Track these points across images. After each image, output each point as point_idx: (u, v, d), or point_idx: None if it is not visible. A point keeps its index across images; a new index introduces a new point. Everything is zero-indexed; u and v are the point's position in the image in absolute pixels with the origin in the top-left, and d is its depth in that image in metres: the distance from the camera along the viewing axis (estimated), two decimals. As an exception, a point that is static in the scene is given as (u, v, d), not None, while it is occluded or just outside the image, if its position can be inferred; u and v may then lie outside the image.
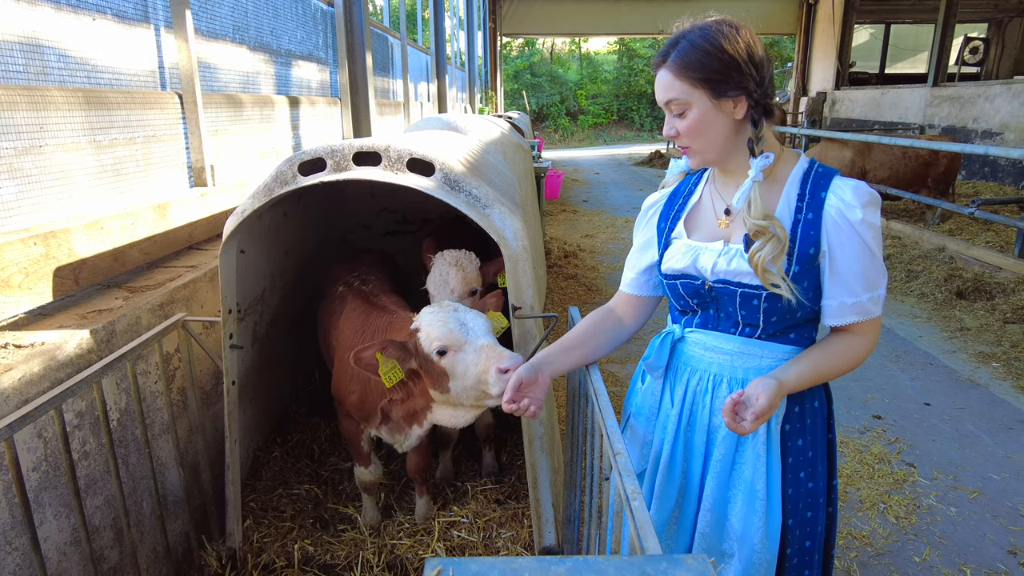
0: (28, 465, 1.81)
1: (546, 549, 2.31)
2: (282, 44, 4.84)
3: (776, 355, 1.48)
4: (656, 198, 1.69)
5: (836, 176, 1.41)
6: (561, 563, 0.82)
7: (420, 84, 10.52)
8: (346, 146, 2.12)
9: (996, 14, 18.36)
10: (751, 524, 1.50)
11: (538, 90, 30.12)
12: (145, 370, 2.34)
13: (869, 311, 1.40)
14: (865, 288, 1.38)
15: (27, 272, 2.14)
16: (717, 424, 1.53)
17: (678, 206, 1.60)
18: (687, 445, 1.58)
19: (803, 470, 1.52)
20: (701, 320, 1.56)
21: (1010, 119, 10.70)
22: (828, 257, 1.38)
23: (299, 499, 2.80)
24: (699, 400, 1.55)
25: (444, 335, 1.97)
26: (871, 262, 1.37)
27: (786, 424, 1.50)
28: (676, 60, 1.38)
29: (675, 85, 1.39)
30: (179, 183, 3.34)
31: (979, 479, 3.26)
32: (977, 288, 5.77)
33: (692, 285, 1.51)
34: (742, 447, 1.51)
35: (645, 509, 1.11)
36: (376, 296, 2.64)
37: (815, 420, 1.53)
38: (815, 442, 1.53)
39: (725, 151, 1.44)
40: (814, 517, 1.54)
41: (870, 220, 1.35)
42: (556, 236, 8.69)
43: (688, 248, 1.51)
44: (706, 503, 1.55)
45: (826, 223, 1.37)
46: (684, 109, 1.40)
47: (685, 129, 1.41)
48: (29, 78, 2.37)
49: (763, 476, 1.48)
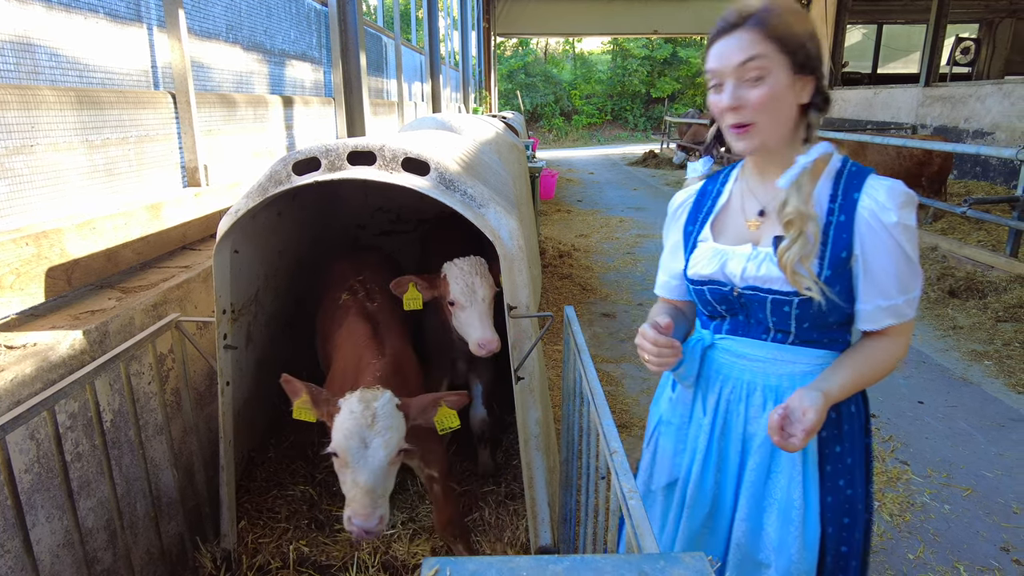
0: (20, 467, 1.79)
1: (542, 548, 2.31)
2: (276, 44, 4.82)
3: (810, 360, 1.44)
4: (683, 197, 1.63)
5: (870, 175, 1.35)
6: (559, 562, 0.82)
7: (414, 84, 10.50)
8: (341, 145, 2.12)
9: (987, 15, 18.48)
10: (787, 534, 1.45)
11: (532, 90, 30.13)
12: (139, 371, 2.32)
13: (904, 314, 1.35)
14: (900, 291, 1.33)
15: (19, 273, 2.13)
16: (752, 432, 1.48)
17: (707, 207, 1.54)
18: (720, 454, 1.54)
19: (842, 477, 1.47)
20: (731, 326, 1.50)
21: (1001, 119, 10.77)
22: (861, 260, 1.33)
23: (294, 500, 2.79)
24: (733, 408, 1.51)
25: (338, 445, 1.90)
26: (906, 265, 1.32)
27: (823, 431, 1.43)
28: (762, 20, 1.27)
29: (759, 44, 1.26)
30: (172, 183, 3.32)
31: (972, 477, 3.28)
32: (969, 287, 5.81)
33: (720, 291, 1.45)
34: (777, 456, 1.47)
35: (642, 508, 1.11)
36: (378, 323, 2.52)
37: (853, 426, 1.48)
38: (853, 448, 1.48)
39: (783, 137, 1.35)
40: (852, 523, 1.50)
41: (905, 222, 1.29)
42: (551, 236, 8.69)
43: (715, 252, 1.45)
44: (741, 512, 1.51)
45: (859, 225, 1.31)
46: (763, 74, 1.27)
47: (759, 98, 1.27)
48: (20, 77, 2.35)
49: (799, 485, 1.44)
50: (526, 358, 2.22)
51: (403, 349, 2.50)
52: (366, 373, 2.20)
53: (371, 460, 1.88)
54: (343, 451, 1.89)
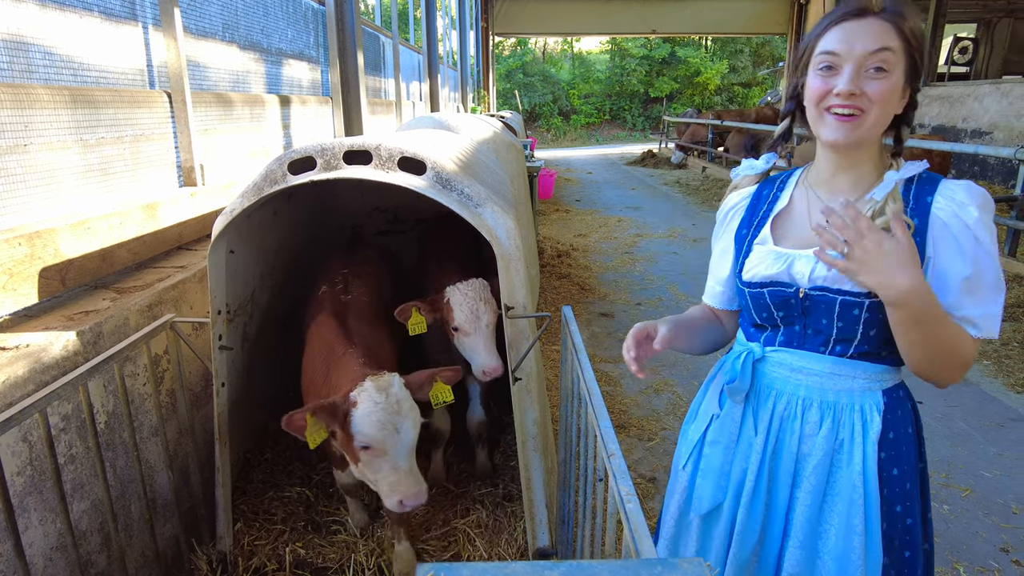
0: (12, 469, 1.78)
1: (540, 550, 2.30)
2: (273, 43, 4.80)
3: (870, 375, 1.35)
4: (735, 200, 1.54)
5: (944, 180, 1.28)
6: (555, 568, 0.80)
7: (412, 83, 10.48)
8: (336, 145, 2.10)
9: (985, 14, 18.50)
10: (848, 564, 1.33)
11: (530, 90, 30.12)
12: (133, 372, 2.31)
13: (989, 329, 1.23)
14: (981, 300, 1.22)
15: (11, 273, 2.11)
16: (806, 452, 1.38)
17: (763, 211, 1.45)
18: (772, 475, 1.43)
19: (899, 503, 1.35)
20: (785, 337, 1.40)
21: (999, 118, 10.78)
22: (933, 265, 1.24)
23: (290, 502, 2.77)
24: (786, 426, 1.40)
25: (374, 438, 1.91)
26: (987, 270, 1.21)
27: (881, 452, 1.33)
28: (899, 15, 1.22)
29: (894, 38, 1.22)
30: (168, 183, 3.30)
31: (971, 477, 3.27)
32: (968, 286, 5.80)
33: (783, 294, 1.36)
34: (835, 476, 1.36)
35: (640, 511, 1.09)
36: (350, 317, 2.50)
37: (910, 448, 1.37)
38: (911, 472, 1.37)
39: (876, 139, 1.29)
40: (913, 558, 1.36)
41: (987, 222, 1.20)
42: (549, 235, 8.68)
43: (779, 255, 1.37)
44: (795, 540, 1.39)
45: (933, 228, 1.24)
46: (888, 68, 1.21)
47: (880, 90, 1.22)
48: (14, 76, 2.34)
49: (860, 508, 1.32)
50: (524, 358, 2.20)
51: (374, 337, 2.48)
52: (342, 364, 2.18)
53: (405, 442, 1.95)
54: (379, 442, 1.91)
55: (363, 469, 2.00)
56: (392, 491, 1.94)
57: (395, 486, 1.93)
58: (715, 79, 30.56)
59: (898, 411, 1.36)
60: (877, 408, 1.34)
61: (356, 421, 1.92)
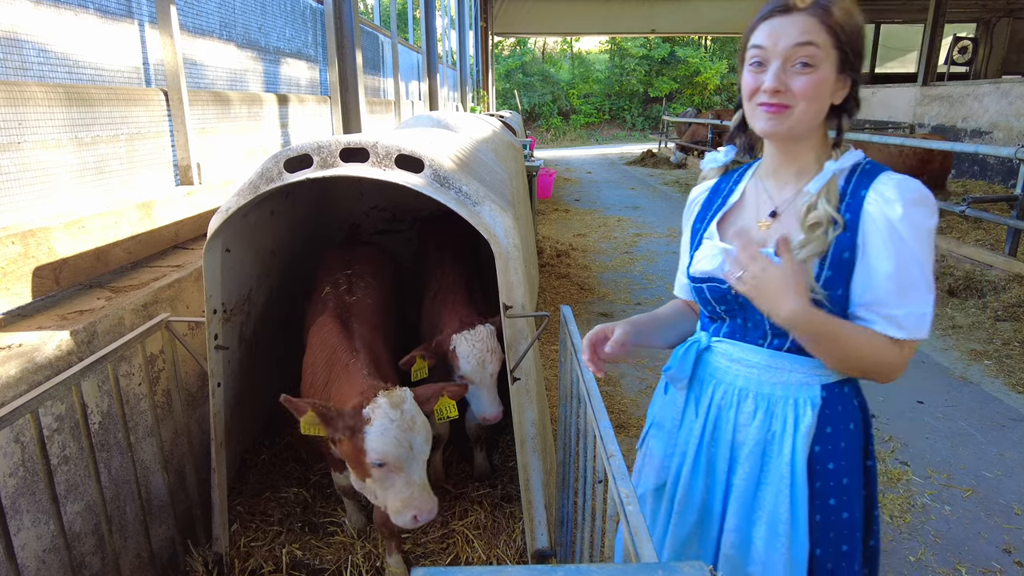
0: (4, 471, 1.75)
1: (539, 552, 2.28)
2: (270, 41, 4.78)
3: (807, 369, 1.37)
4: (696, 193, 1.58)
5: (883, 172, 1.27)
6: (553, 572, 0.78)
7: (411, 83, 10.46)
8: (333, 142, 2.08)
9: (984, 14, 18.49)
10: (774, 551, 1.38)
11: (530, 89, 30.10)
12: (128, 372, 2.28)
13: (913, 330, 1.24)
14: (906, 300, 1.22)
15: (4, 272, 2.09)
16: (741, 441, 1.42)
17: (717, 205, 1.49)
18: (709, 461, 1.48)
19: (834, 497, 1.37)
20: (729, 329, 1.45)
21: (999, 118, 10.77)
22: (860, 260, 1.26)
23: (287, 503, 2.75)
24: (724, 415, 1.45)
25: (390, 455, 1.90)
26: (911, 270, 1.21)
27: (816, 445, 1.36)
28: (825, 8, 1.23)
29: (817, 32, 1.22)
30: (164, 181, 3.28)
31: (972, 477, 3.25)
32: (968, 286, 5.78)
33: (719, 289, 1.40)
34: (767, 467, 1.40)
35: (640, 514, 1.07)
36: (354, 321, 2.48)
37: (850, 444, 1.38)
38: (850, 468, 1.38)
39: (809, 131, 1.31)
40: (850, 552, 1.39)
41: (914, 219, 1.20)
42: (548, 235, 8.66)
43: (719, 250, 1.40)
44: (729, 523, 1.44)
45: (864, 223, 1.25)
46: (813, 62, 1.23)
47: (805, 86, 1.24)
48: (7, 73, 2.31)
49: (786, 499, 1.36)
50: (522, 358, 2.18)
51: (376, 341, 2.47)
52: (347, 374, 2.17)
53: (420, 458, 1.96)
54: (395, 459, 1.91)
55: (372, 485, 1.98)
56: (406, 507, 1.92)
57: (408, 501, 1.92)
58: (714, 79, 30.53)
59: (838, 407, 1.37)
60: (812, 402, 1.36)
61: (371, 439, 1.89)
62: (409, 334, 3.15)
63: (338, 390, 2.13)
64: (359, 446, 1.92)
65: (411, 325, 3.22)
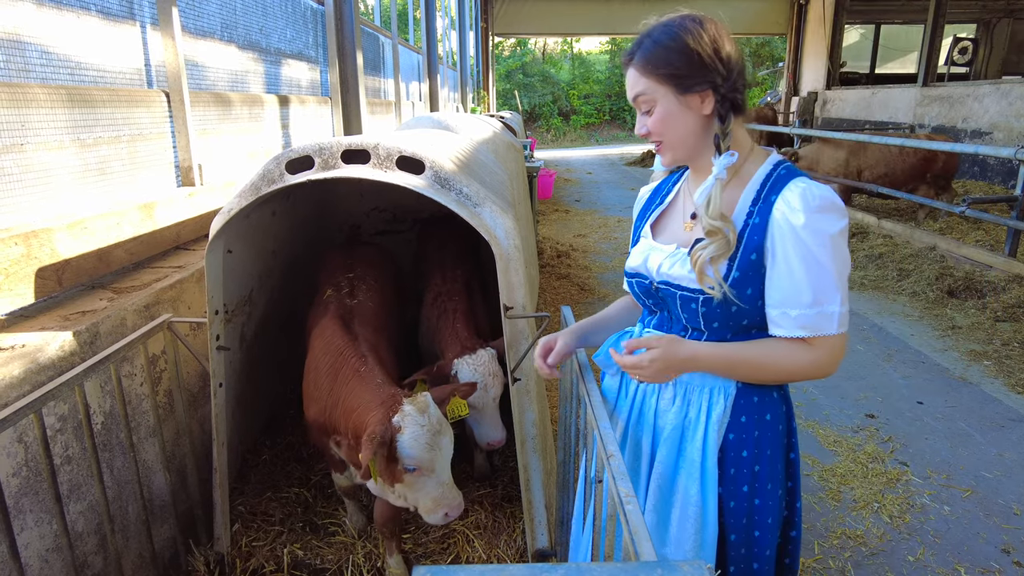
0: (8, 471, 1.76)
1: (539, 551, 2.29)
2: (271, 42, 4.79)
3: None
4: (643, 192, 1.69)
5: (795, 179, 1.34)
6: (553, 570, 0.79)
7: (411, 83, 10.47)
8: (335, 144, 2.09)
9: (984, 15, 18.50)
10: (684, 531, 1.47)
11: (530, 90, 30.09)
12: (130, 372, 2.29)
13: (818, 327, 1.30)
14: (811, 301, 1.28)
15: (7, 273, 2.10)
16: (661, 426, 1.51)
17: (655, 206, 1.60)
18: (635, 443, 1.58)
19: (746, 484, 1.45)
20: (657, 322, 1.55)
21: (999, 118, 10.77)
22: (770, 263, 1.33)
23: (288, 503, 2.76)
24: (647, 400, 1.55)
25: (423, 459, 1.96)
26: (817, 273, 1.27)
27: (730, 433, 1.44)
28: (641, 57, 1.37)
29: (640, 82, 1.38)
30: (166, 182, 3.29)
31: (972, 477, 3.26)
32: (968, 286, 5.79)
33: (644, 284, 1.51)
34: (683, 452, 1.48)
35: (639, 513, 1.08)
36: (356, 323, 2.49)
37: (765, 434, 1.45)
38: (762, 457, 1.45)
39: (695, 148, 1.42)
40: (762, 538, 1.47)
41: (817, 227, 1.26)
42: (548, 236, 8.66)
43: (646, 248, 1.52)
44: (650, 503, 1.52)
45: (771, 228, 1.31)
46: (651, 106, 1.39)
47: (652, 125, 1.40)
48: (10, 75, 2.32)
49: (696, 481, 1.45)
50: (523, 359, 2.19)
51: (381, 343, 2.50)
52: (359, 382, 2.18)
53: (447, 457, 2.03)
54: (428, 462, 1.95)
55: (403, 489, 2.01)
56: (437, 505, 1.99)
57: (439, 500, 1.99)
58: (715, 79, 30.50)
59: (753, 397, 1.44)
60: (725, 392, 1.44)
61: (405, 446, 1.93)
62: (408, 332, 3.16)
63: (349, 396, 2.15)
64: (392, 455, 1.94)
65: (410, 322, 3.23)
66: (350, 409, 2.10)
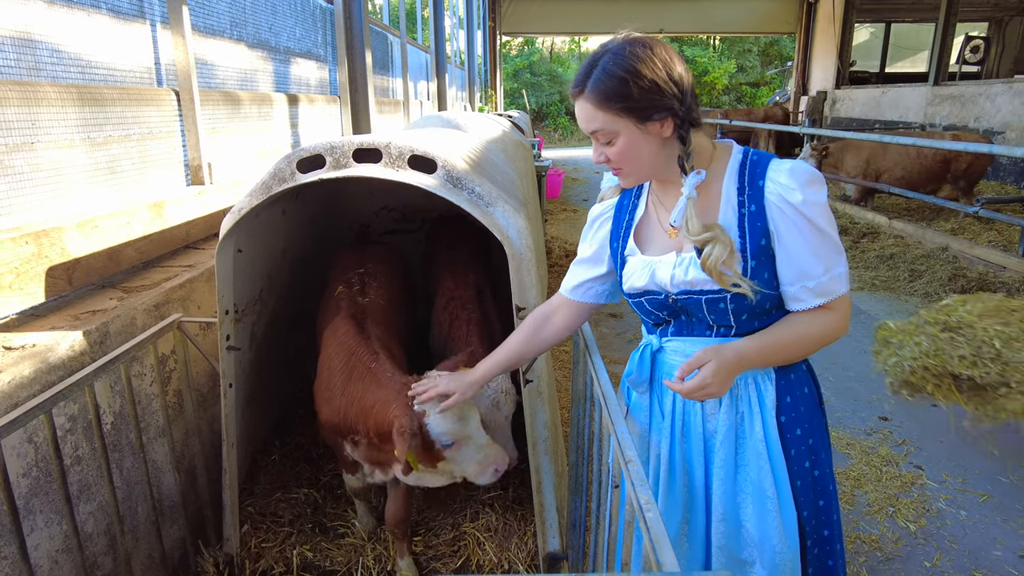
0: (18, 471, 1.75)
1: (551, 555, 2.26)
2: (281, 41, 4.78)
3: None
4: (600, 210, 1.66)
5: (772, 160, 1.39)
6: (576, 582, 0.77)
7: (420, 83, 10.46)
8: (346, 143, 2.07)
9: (996, 13, 18.32)
10: (767, 525, 1.46)
11: (538, 89, 30.05)
12: (140, 372, 2.28)
13: (832, 290, 1.36)
14: (823, 269, 1.34)
15: (18, 272, 2.09)
16: (712, 430, 1.50)
17: (626, 222, 1.57)
18: (685, 456, 1.54)
19: (807, 459, 1.48)
20: (676, 328, 1.53)
21: (1011, 118, 10.65)
22: (778, 244, 1.36)
23: (298, 503, 2.74)
24: (690, 409, 1.52)
25: (457, 431, 1.99)
26: (822, 241, 1.33)
27: (781, 416, 1.47)
28: (594, 90, 1.34)
29: (598, 117, 1.35)
30: (176, 181, 3.28)
31: (988, 481, 3.21)
32: (981, 287, 5.72)
33: (657, 300, 1.49)
34: (742, 448, 1.48)
35: (660, 520, 1.06)
36: (369, 322, 2.48)
37: (808, 407, 1.50)
38: (812, 429, 1.50)
39: (657, 168, 1.43)
40: (827, 505, 1.51)
41: (813, 199, 1.32)
42: (557, 235, 8.63)
43: (644, 264, 1.49)
44: (716, 513, 1.50)
45: (769, 210, 1.35)
46: (610, 137, 1.37)
47: (615, 156, 1.39)
48: (21, 74, 2.32)
49: (768, 473, 1.45)
50: (534, 361, 2.17)
51: (391, 341, 2.49)
52: (374, 376, 2.17)
53: (477, 421, 2.06)
54: (461, 431, 1.99)
55: (447, 467, 2.04)
56: (483, 467, 2.02)
57: (484, 461, 2.02)
58: (723, 78, 30.41)
59: (791, 375, 1.47)
60: (769, 377, 1.46)
61: (435, 426, 1.96)
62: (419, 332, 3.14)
63: (364, 395, 2.14)
64: (427, 440, 1.96)
65: (421, 321, 3.21)
66: (367, 408, 2.09)
